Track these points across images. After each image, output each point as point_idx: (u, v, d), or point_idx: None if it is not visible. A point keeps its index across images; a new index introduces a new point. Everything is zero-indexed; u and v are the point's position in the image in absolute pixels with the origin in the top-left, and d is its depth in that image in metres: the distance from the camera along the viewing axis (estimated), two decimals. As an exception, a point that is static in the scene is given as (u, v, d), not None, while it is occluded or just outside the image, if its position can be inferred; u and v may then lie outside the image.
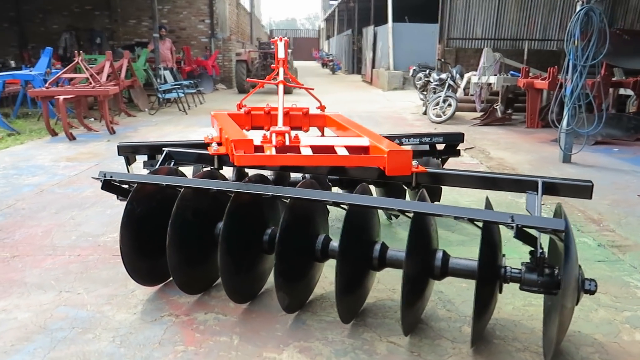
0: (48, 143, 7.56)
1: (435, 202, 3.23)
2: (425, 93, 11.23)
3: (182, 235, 2.45)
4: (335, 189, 3.63)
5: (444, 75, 10.22)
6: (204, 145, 3.10)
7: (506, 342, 2.32)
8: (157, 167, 2.78)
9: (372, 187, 3.50)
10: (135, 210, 2.57)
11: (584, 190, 2.29)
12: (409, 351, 2.26)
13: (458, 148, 3.80)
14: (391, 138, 3.57)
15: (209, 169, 2.81)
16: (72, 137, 7.66)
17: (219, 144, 2.93)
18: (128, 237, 2.55)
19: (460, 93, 11.19)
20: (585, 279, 2.09)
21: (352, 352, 2.25)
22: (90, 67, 8.75)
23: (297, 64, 44.92)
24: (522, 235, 1.96)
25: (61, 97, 7.51)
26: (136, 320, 2.52)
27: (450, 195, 4.70)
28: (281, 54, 3.88)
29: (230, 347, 2.29)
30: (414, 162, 2.52)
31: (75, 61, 8.35)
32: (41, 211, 4.27)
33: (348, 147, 2.69)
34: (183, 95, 11.17)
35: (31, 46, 17.61)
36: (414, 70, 13.64)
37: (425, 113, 10.50)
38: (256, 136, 2.74)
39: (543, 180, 2.32)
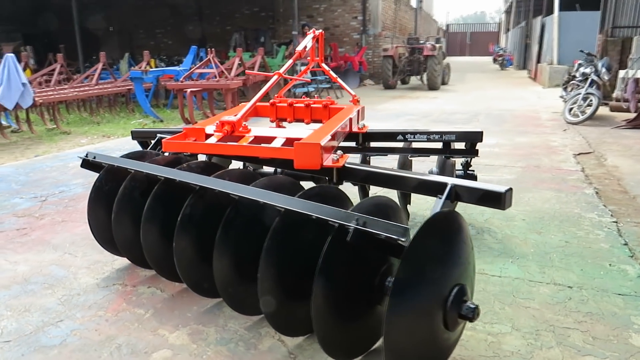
0: (177, 130, 8.59)
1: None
2: (569, 90, 9.94)
3: (127, 214, 2.68)
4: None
5: (587, 70, 8.92)
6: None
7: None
8: (135, 151, 3.05)
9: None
10: (102, 188, 2.88)
11: (493, 197, 1.90)
12: (289, 352, 2.17)
13: (477, 148, 3.38)
14: (396, 134, 3.38)
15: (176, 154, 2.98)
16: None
17: None
18: (94, 210, 2.87)
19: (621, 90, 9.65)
20: (463, 300, 1.77)
21: (234, 342, 2.24)
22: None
23: (472, 59, 43.20)
24: (373, 242, 1.73)
25: (189, 90, 8.46)
26: (93, 284, 2.84)
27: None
28: (300, 47, 3.88)
29: (139, 319, 2.45)
30: (334, 156, 2.36)
31: (207, 58, 9.29)
32: (117, 187, 4.94)
33: (288, 139, 2.63)
34: (313, 90, 11.62)
35: (209, 45, 19.96)
36: (578, 64, 12.12)
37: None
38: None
39: (453, 183, 1.99)
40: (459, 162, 3.60)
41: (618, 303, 2.57)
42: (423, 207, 3.89)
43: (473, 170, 3.61)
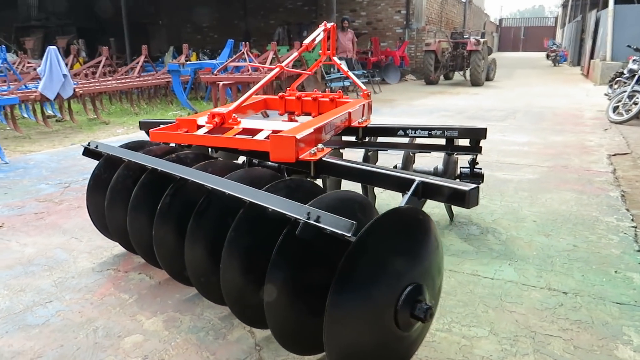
0: (209, 122, 8.76)
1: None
2: (615, 87, 9.44)
3: (119, 201, 2.75)
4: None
5: (635, 66, 8.45)
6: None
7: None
8: (135, 140, 3.13)
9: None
10: (101, 176, 2.97)
11: (458, 195, 1.83)
12: (255, 343, 2.18)
13: (480, 145, 3.28)
14: (396, 129, 3.32)
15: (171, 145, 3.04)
16: (229, 118, 8.71)
17: None
18: (92, 197, 2.97)
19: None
20: (418, 300, 1.72)
21: (205, 331, 2.27)
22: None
23: (525, 55, 41.72)
24: (321, 236, 1.70)
25: (221, 83, 8.60)
26: (88, 269, 2.94)
27: (517, 203, 4.04)
28: (308, 40, 3.86)
29: (121, 304, 2.52)
30: (312, 150, 2.34)
31: (242, 51, 9.40)
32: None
33: (274, 132, 2.62)
34: (349, 84, 11.56)
35: (253, 39, 20.20)
36: (633, 60, 11.50)
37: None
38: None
39: (421, 180, 1.93)
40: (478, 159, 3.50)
41: (613, 312, 2.43)
42: (430, 204, 3.80)
43: (480, 169, 3.51)
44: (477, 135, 3.22)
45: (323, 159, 2.33)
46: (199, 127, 2.83)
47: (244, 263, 2.00)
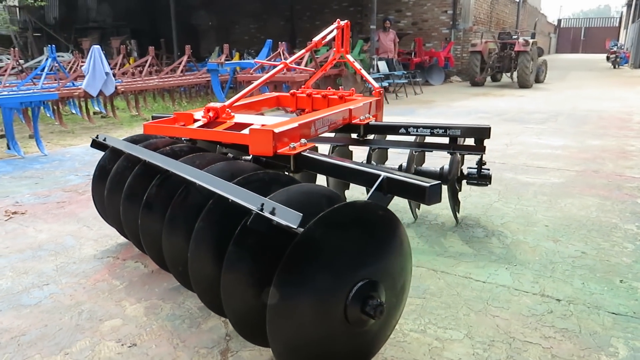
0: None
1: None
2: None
3: (117, 191, 2.85)
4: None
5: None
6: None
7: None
8: (140, 134, 3.24)
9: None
10: (105, 167, 3.09)
11: (418, 191, 1.78)
12: (226, 333, 2.21)
13: (484, 145, 3.18)
14: (398, 127, 3.29)
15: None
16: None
17: None
18: (97, 186, 3.09)
19: None
20: (370, 296, 1.70)
21: (182, 319, 2.33)
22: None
23: (584, 57, 40.05)
24: (271, 228, 1.70)
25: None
26: (90, 255, 3.07)
27: (532, 207, 3.89)
28: (318, 37, 3.87)
29: (111, 290, 2.62)
30: (293, 144, 2.34)
31: (277, 51, 9.51)
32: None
33: (263, 126, 2.65)
34: (387, 85, 11.46)
35: (298, 40, 20.39)
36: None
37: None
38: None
39: (386, 175, 1.89)
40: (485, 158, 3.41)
41: (606, 322, 2.30)
42: (438, 206, 3.72)
43: (488, 169, 3.41)
44: (480, 134, 3.13)
45: (303, 153, 2.33)
46: (195, 120, 2.89)
47: (211, 253, 2.03)
